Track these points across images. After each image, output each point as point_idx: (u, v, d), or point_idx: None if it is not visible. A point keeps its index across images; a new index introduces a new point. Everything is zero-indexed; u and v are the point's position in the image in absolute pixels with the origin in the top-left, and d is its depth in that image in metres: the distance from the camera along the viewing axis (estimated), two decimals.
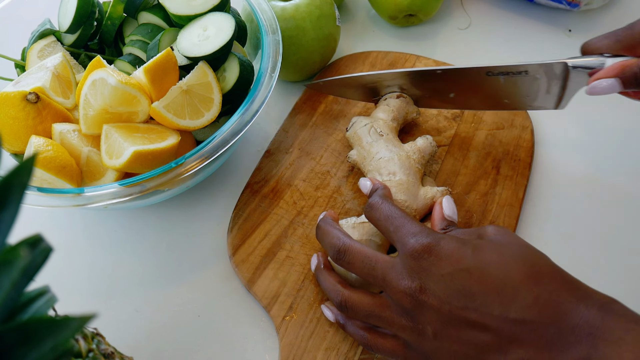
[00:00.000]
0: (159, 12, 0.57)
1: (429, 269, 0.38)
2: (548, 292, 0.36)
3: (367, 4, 0.77)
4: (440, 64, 0.66)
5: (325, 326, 0.48)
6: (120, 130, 0.48)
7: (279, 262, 0.52)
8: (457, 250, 0.39)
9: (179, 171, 0.46)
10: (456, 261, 0.38)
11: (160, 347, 0.49)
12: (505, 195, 0.55)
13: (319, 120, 0.62)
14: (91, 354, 0.36)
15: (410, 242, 0.40)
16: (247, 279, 0.51)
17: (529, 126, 0.60)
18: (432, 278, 0.38)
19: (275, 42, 0.55)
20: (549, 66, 0.49)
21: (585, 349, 0.34)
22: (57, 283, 0.32)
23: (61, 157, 0.48)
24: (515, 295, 0.36)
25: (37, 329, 0.22)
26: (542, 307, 0.36)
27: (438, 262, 0.38)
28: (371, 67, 0.67)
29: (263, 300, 0.50)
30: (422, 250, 0.39)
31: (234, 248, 0.53)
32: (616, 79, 0.45)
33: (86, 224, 0.58)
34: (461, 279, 0.38)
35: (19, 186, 0.22)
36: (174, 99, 0.50)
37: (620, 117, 0.63)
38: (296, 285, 0.50)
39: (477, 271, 0.38)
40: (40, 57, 0.57)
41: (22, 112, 0.49)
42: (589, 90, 0.47)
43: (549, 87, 0.51)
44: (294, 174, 0.58)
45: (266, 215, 0.55)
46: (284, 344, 0.47)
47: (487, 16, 0.75)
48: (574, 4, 0.70)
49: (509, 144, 0.59)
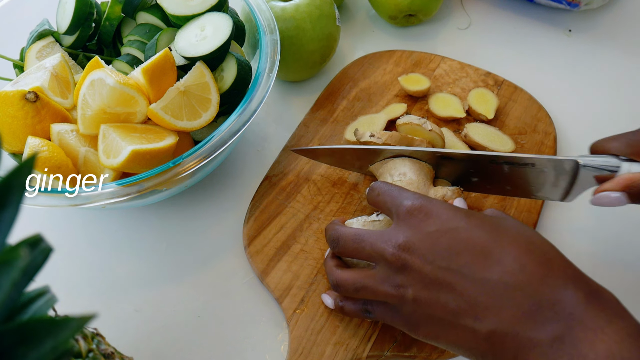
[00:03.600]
0: (157, 12, 0.57)
1: (417, 226, 0.39)
2: (537, 263, 0.36)
3: (367, 4, 0.77)
4: (465, 66, 0.66)
5: (336, 321, 0.48)
6: (118, 130, 0.48)
7: (293, 255, 0.52)
8: (448, 211, 0.39)
9: (176, 171, 0.46)
10: (446, 220, 0.39)
11: (160, 347, 0.49)
12: (524, 201, 0.55)
13: (340, 116, 0.63)
14: (91, 354, 0.36)
15: (403, 203, 0.41)
16: (261, 269, 0.51)
17: (552, 132, 0.60)
18: (418, 235, 0.39)
19: (273, 42, 0.55)
20: (558, 162, 0.46)
21: (561, 328, 0.33)
22: (57, 283, 0.31)
23: (56, 157, 0.48)
24: (501, 259, 0.36)
25: (37, 329, 0.22)
26: (527, 276, 0.35)
27: (427, 219, 0.39)
28: (395, 66, 0.67)
29: (275, 292, 0.50)
30: (413, 209, 0.40)
31: (250, 239, 0.53)
32: (623, 193, 0.43)
33: (86, 224, 0.57)
34: (448, 237, 0.38)
35: (19, 186, 0.22)
36: (172, 100, 0.50)
37: (626, 116, 0.62)
38: (309, 279, 0.50)
39: (465, 232, 0.38)
40: (39, 58, 0.57)
41: (21, 111, 0.49)
42: (594, 201, 0.44)
43: (556, 180, 0.47)
44: (313, 168, 0.58)
45: (283, 208, 0.55)
46: (294, 337, 0.47)
47: (487, 16, 0.75)
48: (574, 4, 0.70)
49: (531, 149, 0.58)
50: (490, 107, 0.60)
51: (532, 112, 0.61)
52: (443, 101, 0.62)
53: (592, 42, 0.71)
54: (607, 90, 0.65)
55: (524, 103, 0.62)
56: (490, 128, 0.59)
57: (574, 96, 0.65)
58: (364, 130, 0.55)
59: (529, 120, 0.61)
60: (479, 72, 0.65)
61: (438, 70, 0.66)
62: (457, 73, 0.66)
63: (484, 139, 0.57)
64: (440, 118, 0.61)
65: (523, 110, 0.62)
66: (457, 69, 0.66)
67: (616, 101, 0.64)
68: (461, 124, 0.61)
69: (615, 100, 0.64)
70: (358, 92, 0.65)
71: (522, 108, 0.62)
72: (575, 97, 0.65)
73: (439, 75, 0.66)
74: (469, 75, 0.65)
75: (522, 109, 0.62)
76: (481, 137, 0.58)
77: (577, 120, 0.62)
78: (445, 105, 0.62)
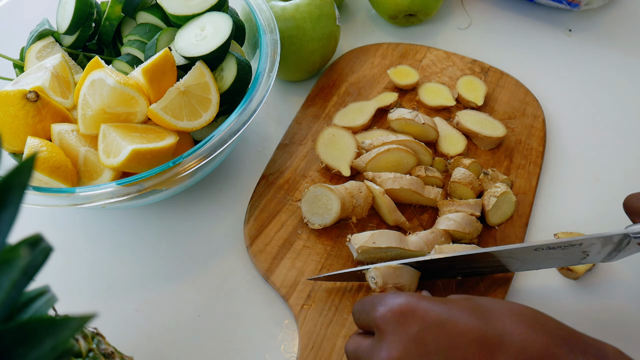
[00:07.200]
0: (157, 12, 0.57)
1: (398, 332, 0.34)
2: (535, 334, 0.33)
3: (367, 4, 0.77)
4: (451, 55, 0.67)
5: (344, 313, 0.48)
6: (118, 130, 0.48)
7: (296, 252, 0.52)
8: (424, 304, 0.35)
9: (176, 170, 0.46)
10: (424, 316, 0.34)
11: (160, 347, 0.49)
12: (519, 184, 0.56)
13: (331, 112, 0.63)
14: (91, 354, 0.36)
15: (375, 313, 0.37)
16: (264, 268, 0.51)
17: (540, 115, 0.61)
18: (402, 343, 0.34)
19: (273, 42, 0.55)
20: (607, 238, 0.43)
21: None
22: (57, 283, 0.31)
23: (55, 157, 0.48)
24: (501, 342, 0.32)
25: (37, 329, 0.22)
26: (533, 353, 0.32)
27: (405, 321, 0.35)
28: (382, 59, 0.68)
29: (282, 289, 0.50)
30: (387, 315, 0.35)
31: (251, 239, 0.53)
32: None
33: (86, 224, 0.57)
34: (435, 335, 0.34)
35: (19, 186, 0.22)
36: (172, 100, 0.50)
37: (633, 107, 0.63)
38: (314, 274, 0.51)
39: (452, 323, 0.34)
40: (39, 58, 0.57)
41: (21, 111, 0.49)
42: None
43: (601, 250, 0.45)
44: (309, 165, 0.58)
45: (282, 205, 0.55)
46: (304, 332, 0.47)
47: (487, 16, 0.75)
48: (574, 4, 0.70)
49: (521, 133, 0.60)
50: (479, 94, 0.62)
51: (519, 97, 0.63)
52: (432, 91, 0.63)
53: (592, 42, 0.71)
54: (607, 90, 0.65)
55: (511, 88, 0.64)
56: (480, 114, 0.60)
57: (574, 96, 0.65)
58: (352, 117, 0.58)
59: (518, 104, 0.62)
60: (465, 60, 0.67)
61: (425, 61, 0.67)
62: (444, 62, 0.67)
63: (476, 125, 0.58)
64: (431, 108, 0.62)
65: (511, 95, 0.63)
66: (444, 58, 0.67)
67: (616, 101, 0.64)
68: (452, 112, 0.62)
69: (615, 100, 0.64)
70: (348, 86, 0.65)
71: (509, 93, 0.63)
72: (575, 97, 0.65)
73: (426, 65, 0.67)
74: (455, 64, 0.66)
75: (510, 94, 0.63)
76: (472, 123, 0.58)
77: (577, 119, 0.63)
78: (435, 94, 0.63)
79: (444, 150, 0.58)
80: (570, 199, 0.56)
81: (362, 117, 0.60)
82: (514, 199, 0.53)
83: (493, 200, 0.52)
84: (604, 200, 0.56)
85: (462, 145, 0.58)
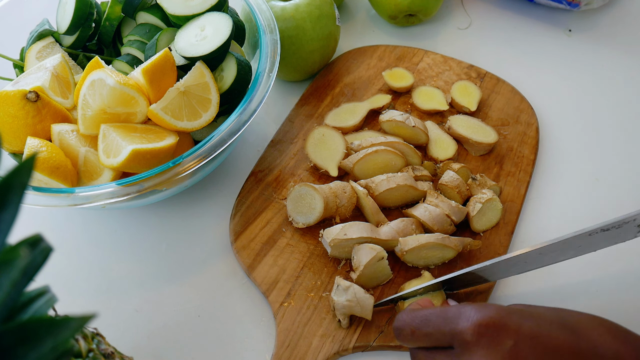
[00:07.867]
0: (157, 12, 0.57)
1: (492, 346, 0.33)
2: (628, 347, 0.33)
3: (367, 4, 0.77)
4: (448, 59, 0.67)
5: (322, 313, 0.48)
6: (118, 130, 0.48)
7: (279, 250, 0.52)
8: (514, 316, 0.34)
9: (176, 171, 0.46)
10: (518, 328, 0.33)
11: (160, 347, 0.49)
12: (507, 191, 0.55)
13: (324, 111, 0.63)
14: (91, 354, 0.36)
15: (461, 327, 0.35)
16: (247, 264, 0.51)
17: (534, 123, 0.61)
18: (499, 358, 0.33)
19: (273, 42, 0.55)
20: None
21: None
22: (57, 283, 0.31)
23: (55, 158, 0.48)
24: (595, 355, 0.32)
25: (37, 329, 0.22)
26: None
27: (499, 333, 0.33)
28: (379, 60, 0.67)
29: (262, 286, 0.50)
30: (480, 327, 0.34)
31: (236, 234, 0.53)
32: None
33: (86, 224, 0.57)
34: (531, 348, 0.33)
35: (19, 186, 0.22)
36: (172, 100, 0.50)
37: (626, 116, 0.63)
38: (295, 272, 0.51)
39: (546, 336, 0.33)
40: (39, 59, 0.57)
41: (21, 111, 0.49)
42: None
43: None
44: (298, 163, 0.58)
45: (269, 203, 0.55)
46: (281, 329, 0.47)
47: (487, 16, 0.75)
48: (574, 4, 0.70)
49: (514, 140, 0.59)
50: (473, 100, 0.61)
51: (514, 104, 0.62)
52: (426, 94, 0.63)
53: (592, 42, 0.71)
54: (607, 90, 0.65)
55: (506, 95, 0.63)
56: (473, 120, 0.60)
57: (574, 96, 0.65)
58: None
59: (512, 111, 0.62)
60: (461, 65, 0.66)
61: (421, 64, 0.67)
62: (440, 66, 0.67)
63: (467, 131, 0.58)
64: (424, 111, 0.62)
65: (506, 102, 0.63)
66: (440, 63, 0.67)
67: (616, 101, 0.64)
68: (445, 116, 0.61)
69: (614, 99, 0.64)
70: (342, 87, 0.65)
71: (504, 99, 0.63)
72: (575, 97, 0.65)
73: (422, 68, 0.66)
74: (452, 69, 0.66)
75: (505, 100, 0.63)
76: (464, 128, 0.58)
77: (576, 120, 0.63)
78: (429, 98, 0.63)
79: (434, 155, 0.58)
80: (559, 208, 0.56)
81: (354, 118, 0.60)
82: (500, 206, 0.53)
83: (478, 206, 0.51)
84: (596, 210, 0.55)
85: (452, 150, 0.58)
